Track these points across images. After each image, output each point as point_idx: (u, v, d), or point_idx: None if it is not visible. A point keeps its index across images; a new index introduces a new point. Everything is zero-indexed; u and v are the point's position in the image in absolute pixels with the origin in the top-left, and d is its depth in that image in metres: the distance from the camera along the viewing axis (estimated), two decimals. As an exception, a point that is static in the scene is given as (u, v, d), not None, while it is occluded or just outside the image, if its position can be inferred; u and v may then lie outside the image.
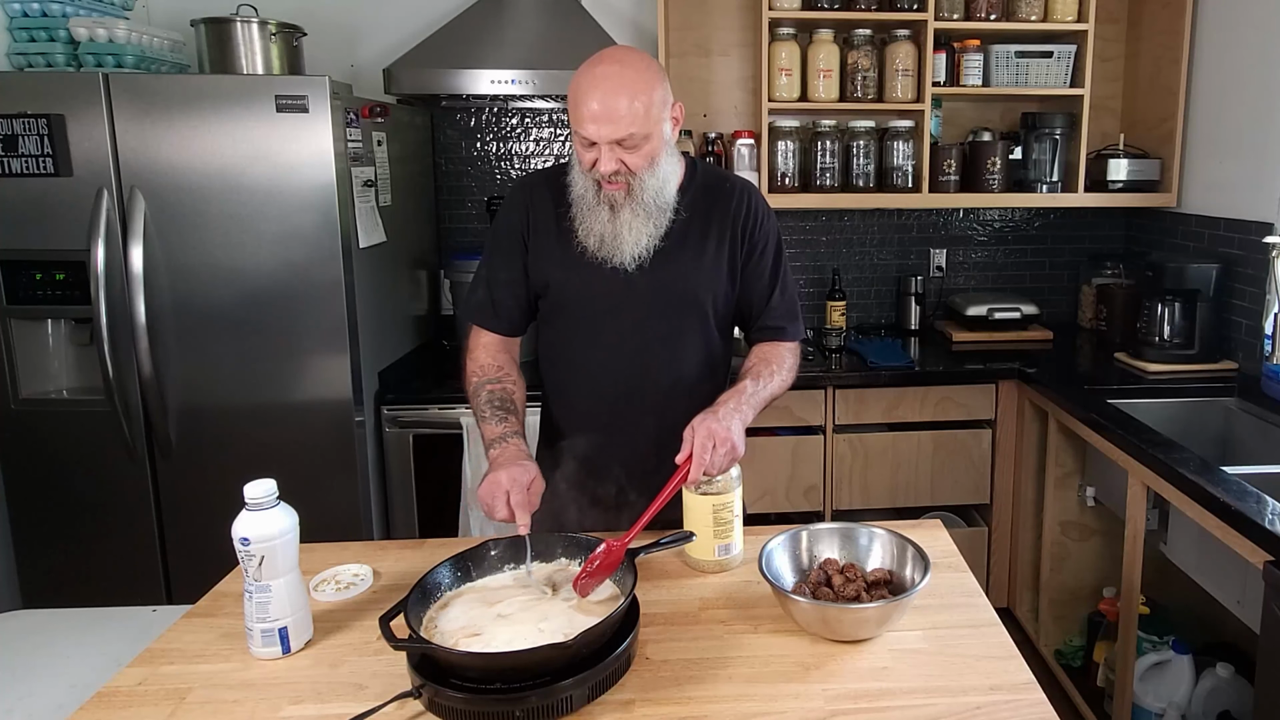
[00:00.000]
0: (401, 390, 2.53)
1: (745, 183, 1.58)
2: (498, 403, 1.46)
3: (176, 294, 2.23)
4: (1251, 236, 2.44)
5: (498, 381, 1.49)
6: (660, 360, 1.51)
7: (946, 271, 3.22)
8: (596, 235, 1.43)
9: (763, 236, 1.55)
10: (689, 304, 1.51)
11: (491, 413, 1.44)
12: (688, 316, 1.52)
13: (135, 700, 1.09)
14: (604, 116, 1.33)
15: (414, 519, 2.55)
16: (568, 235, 1.47)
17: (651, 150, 1.39)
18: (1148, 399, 2.36)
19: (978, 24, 2.79)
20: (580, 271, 1.47)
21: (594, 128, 1.34)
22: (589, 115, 1.33)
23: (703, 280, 1.51)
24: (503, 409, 1.45)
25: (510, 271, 1.53)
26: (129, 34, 2.34)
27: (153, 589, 2.35)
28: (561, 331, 1.55)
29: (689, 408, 1.38)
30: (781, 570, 1.28)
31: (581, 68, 1.37)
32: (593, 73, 1.35)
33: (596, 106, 1.33)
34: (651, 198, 1.42)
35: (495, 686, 1.01)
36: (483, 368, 1.51)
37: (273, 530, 1.14)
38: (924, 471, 2.69)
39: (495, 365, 1.52)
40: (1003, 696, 1.07)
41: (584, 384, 1.55)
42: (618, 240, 1.43)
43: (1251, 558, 1.55)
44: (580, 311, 1.51)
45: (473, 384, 1.50)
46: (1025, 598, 2.75)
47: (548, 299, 1.54)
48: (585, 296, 1.50)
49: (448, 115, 3.04)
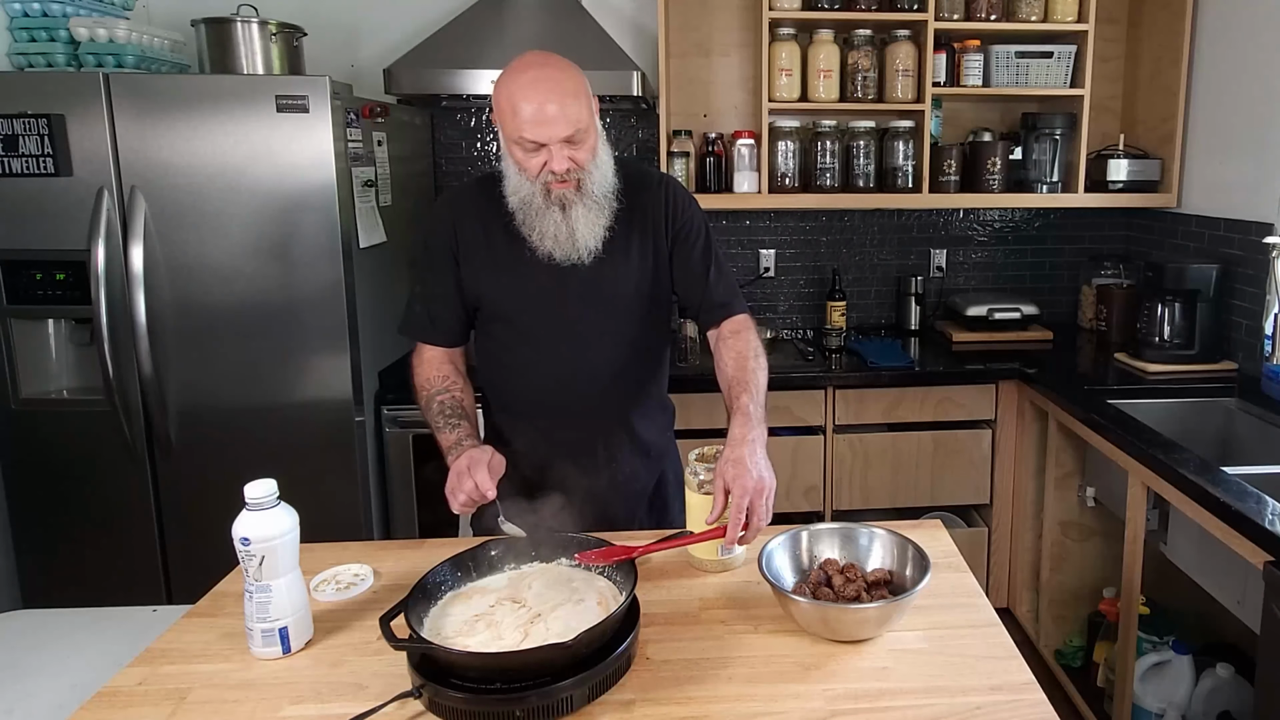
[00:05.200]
0: (401, 390, 2.52)
1: (663, 175, 1.63)
2: (449, 411, 1.50)
3: (176, 294, 2.23)
4: (1251, 237, 2.44)
5: (446, 391, 1.54)
6: (599, 358, 1.55)
7: (947, 271, 3.22)
8: (551, 237, 1.44)
9: (686, 223, 1.57)
10: (622, 300, 1.55)
11: (444, 422, 1.49)
12: (621, 313, 1.55)
13: (135, 700, 1.09)
14: (551, 118, 1.34)
15: (414, 519, 2.55)
16: (498, 245, 1.50)
17: (593, 143, 1.42)
18: (1148, 399, 2.36)
19: (978, 24, 2.79)
20: (513, 278, 1.51)
21: (543, 130, 1.34)
22: (536, 119, 1.34)
23: (632, 275, 1.54)
24: (455, 416, 1.50)
25: (443, 286, 1.55)
26: (129, 34, 2.34)
27: (153, 589, 2.35)
28: (498, 338, 1.58)
29: (628, 403, 1.55)
30: (782, 570, 1.28)
31: (507, 77, 1.37)
32: (526, 78, 1.35)
33: (543, 109, 1.33)
34: (599, 190, 1.45)
35: (495, 686, 1.01)
36: (429, 380, 1.55)
37: (273, 530, 1.14)
38: (924, 472, 2.69)
39: (441, 376, 1.56)
40: (1003, 697, 1.07)
41: (523, 387, 1.58)
42: (574, 238, 1.45)
43: (1251, 558, 1.55)
44: (516, 317, 1.55)
45: (423, 397, 1.55)
46: (1025, 598, 2.75)
47: (484, 309, 1.57)
48: (521, 302, 1.53)
49: (448, 115, 3.04)
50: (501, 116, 1.38)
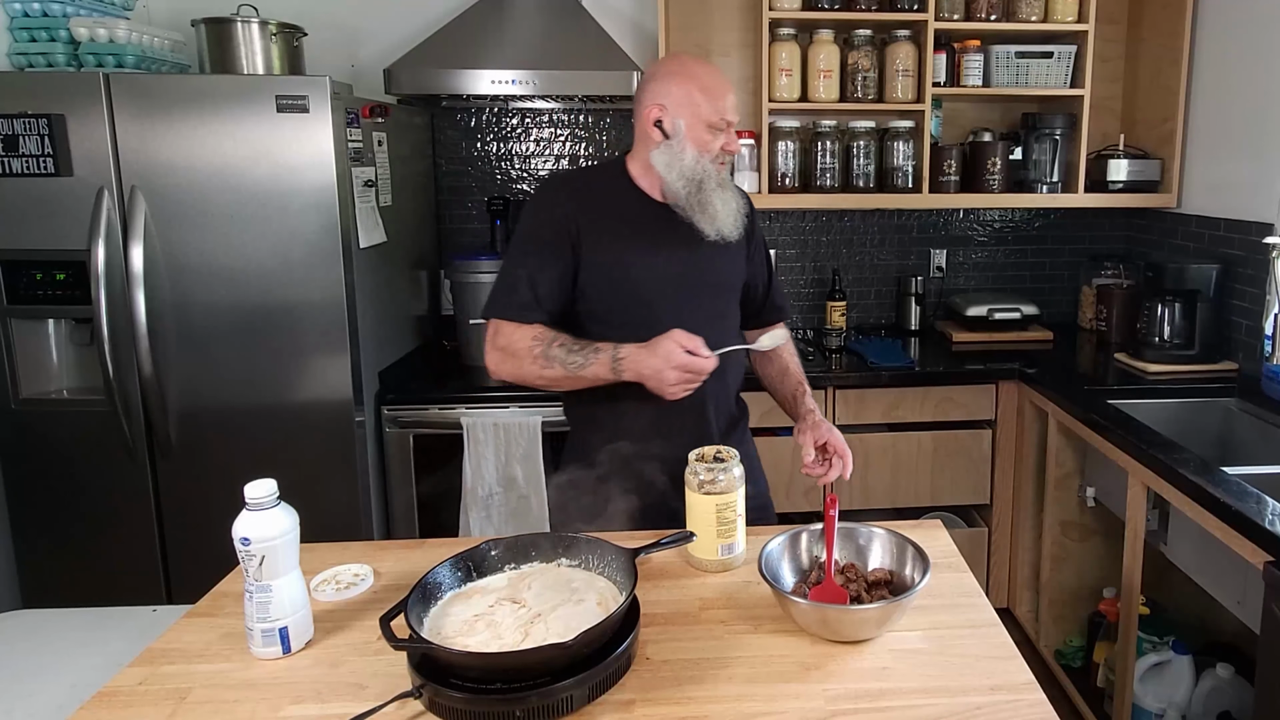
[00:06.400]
0: (401, 390, 2.53)
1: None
2: (574, 346, 1.48)
3: (176, 294, 2.23)
4: (1251, 237, 2.44)
5: (555, 337, 1.50)
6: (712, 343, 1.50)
7: (947, 272, 3.23)
8: (721, 215, 1.55)
9: (759, 230, 1.74)
10: (726, 288, 1.66)
11: (579, 345, 1.48)
12: (726, 300, 1.67)
13: (136, 700, 1.09)
14: (734, 105, 1.56)
15: (414, 519, 2.55)
16: (625, 229, 1.56)
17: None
18: (1148, 399, 2.36)
19: (978, 24, 2.79)
20: (640, 262, 1.55)
21: (733, 113, 1.55)
22: (729, 103, 1.54)
23: (734, 267, 1.66)
24: (584, 345, 1.48)
25: (555, 270, 1.53)
26: (129, 34, 2.34)
27: (153, 589, 2.35)
28: (621, 322, 1.54)
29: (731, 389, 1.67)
30: (781, 571, 1.28)
31: (691, 68, 1.54)
32: (708, 69, 1.55)
33: (730, 96, 1.54)
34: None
35: (495, 686, 1.01)
36: (535, 338, 1.50)
37: (273, 530, 1.14)
38: (924, 472, 2.69)
39: (539, 333, 1.51)
40: (1003, 697, 1.07)
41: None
42: (728, 214, 1.56)
43: (1251, 558, 1.55)
44: (639, 302, 1.55)
45: (537, 352, 1.49)
46: (1025, 598, 2.76)
47: (602, 293, 1.55)
48: (655, 285, 1.57)
49: (448, 115, 3.05)
50: (692, 101, 1.51)
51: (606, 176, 1.61)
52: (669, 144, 1.52)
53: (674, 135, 1.52)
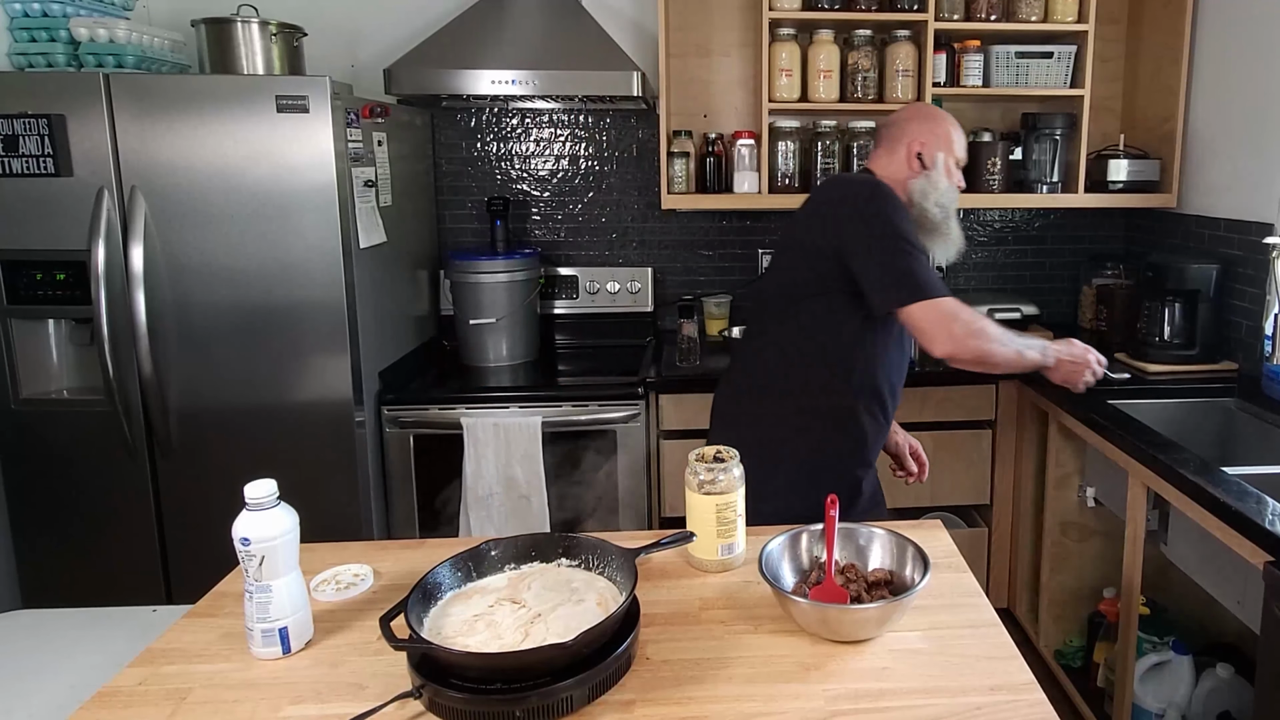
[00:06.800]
0: (401, 390, 2.53)
1: None
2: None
3: (176, 294, 2.23)
4: (1251, 237, 2.44)
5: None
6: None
7: (947, 271, 3.22)
8: (954, 240, 1.80)
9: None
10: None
11: (1020, 338, 1.68)
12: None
13: (136, 700, 1.09)
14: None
15: (414, 519, 2.55)
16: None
17: None
18: (1148, 399, 2.36)
19: (978, 24, 2.79)
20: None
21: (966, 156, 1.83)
22: (965, 146, 1.83)
23: None
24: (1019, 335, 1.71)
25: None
26: (129, 34, 2.35)
27: (153, 589, 2.35)
28: (887, 332, 1.75)
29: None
30: (781, 570, 1.28)
31: (941, 116, 1.81)
32: (951, 115, 1.82)
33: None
34: None
35: (495, 686, 1.01)
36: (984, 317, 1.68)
37: (273, 530, 1.14)
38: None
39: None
40: (1003, 697, 1.07)
41: (896, 379, 1.84)
42: (958, 241, 1.82)
43: (1251, 558, 1.55)
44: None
45: (994, 331, 1.66)
46: (1025, 598, 2.75)
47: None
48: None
49: (448, 115, 3.05)
50: (949, 142, 1.78)
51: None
52: (928, 174, 1.76)
53: (933, 167, 1.76)
